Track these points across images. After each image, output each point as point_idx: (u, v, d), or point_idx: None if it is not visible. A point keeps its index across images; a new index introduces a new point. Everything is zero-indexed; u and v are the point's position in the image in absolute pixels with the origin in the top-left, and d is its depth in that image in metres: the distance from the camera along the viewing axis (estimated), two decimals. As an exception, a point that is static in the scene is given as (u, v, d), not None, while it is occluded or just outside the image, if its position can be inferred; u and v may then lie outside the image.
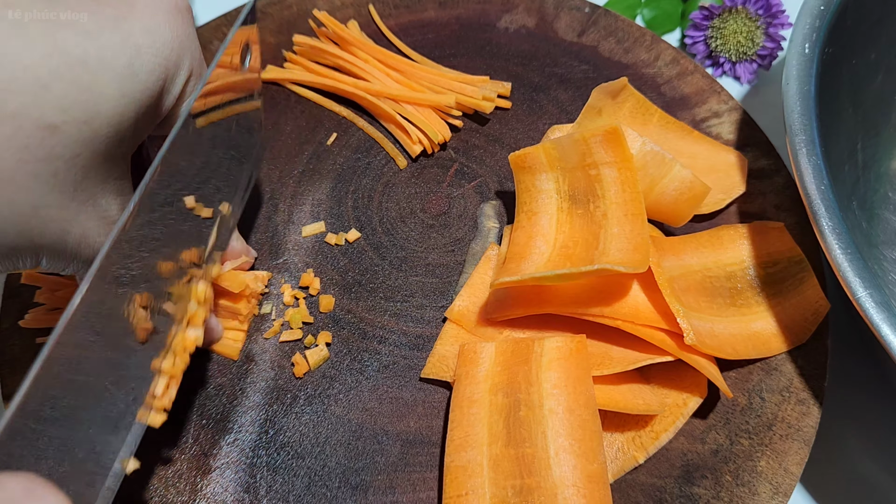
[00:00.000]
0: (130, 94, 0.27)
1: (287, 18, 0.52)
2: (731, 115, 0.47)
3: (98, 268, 0.25)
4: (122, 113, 0.27)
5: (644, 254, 0.34)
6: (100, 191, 0.28)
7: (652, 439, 0.36)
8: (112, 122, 0.27)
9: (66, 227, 0.28)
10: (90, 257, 0.29)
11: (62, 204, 0.27)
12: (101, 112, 0.26)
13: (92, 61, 0.26)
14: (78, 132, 0.26)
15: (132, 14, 0.28)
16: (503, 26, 0.52)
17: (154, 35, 0.28)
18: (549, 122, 0.47)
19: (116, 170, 0.29)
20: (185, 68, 0.30)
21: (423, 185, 0.45)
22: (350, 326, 0.40)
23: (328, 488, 0.35)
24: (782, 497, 0.35)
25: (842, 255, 0.32)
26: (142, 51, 0.28)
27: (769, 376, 0.38)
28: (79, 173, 0.27)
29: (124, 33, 0.27)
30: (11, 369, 0.38)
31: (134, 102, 0.28)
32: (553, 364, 0.34)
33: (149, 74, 0.28)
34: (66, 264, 0.29)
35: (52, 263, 0.29)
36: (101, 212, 0.29)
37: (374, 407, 0.37)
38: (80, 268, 0.30)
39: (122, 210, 0.29)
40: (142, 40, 0.28)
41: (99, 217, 0.29)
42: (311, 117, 0.48)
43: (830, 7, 0.40)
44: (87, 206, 0.28)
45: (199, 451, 0.36)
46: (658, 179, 0.38)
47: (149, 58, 0.28)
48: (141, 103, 0.28)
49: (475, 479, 0.32)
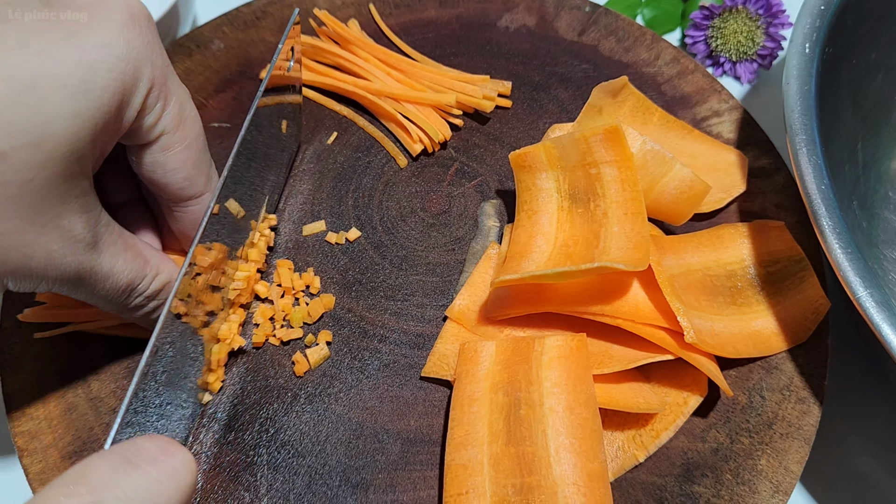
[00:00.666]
0: (85, 113, 0.27)
1: (287, 17, 0.52)
2: (731, 114, 0.47)
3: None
4: (76, 132, 0.27)
5: (644, 252, 0.34)
6: (61, 211, 0.28)
7: (652, 438, 0.36)
8: (66, 142, 0.26)
9: (28, 252, 0.27)
10: (59, 277, 0.29)
11: (20, 230, 0.26)
12: (54, 133, 0.26)
13: (42, 83, 0.26)
14: (29, 157, 0.26)
15: (85, 30, 0.27)
16: (504, 25, 0.52)
17: (108, 49, 0.28)
18: (549, 121, 0.47)
19: (77, 188, 0.28)
20: (145, 80, 0.30)
21: (424, 184, 0.45)
22: (350, 325, 0.40)
23: (329, 487, 0.35)
24: (782, 495, 0.35)
25: (842, 254, 0.32)
26: (95, 67, 0.27)
27: (769, 375, 0.38)
28: (35, 198, 0.26)
29: (77, 50, 0.27)
30: (12, 368, 0.38)
31: (89, 120, 0.27)
32: (553, 363, 0.34)
33: (103, 90, 0.27)
34: (34, 286, 0.29)
35: (19, 286, 0.29)
36: (65, 233, 0.28)
37: (375, 405, 0.38)
38: (50, 287, 0.29)
39: (88, 227, 0.29)
40: (95, 56, 0.27)
41: (64, 238, 0.28)
42: (311, 116, 0.48)
43: (830, 7, 0.40)
44: (49, 229, 0.28)
45: (200, 449, 0.36)
46: (658, 178, 0.38)
47: (103, 74, 0.27)
48: (97, 120, 0.27)
49: (475, 477, 0.32)
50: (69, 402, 0.37)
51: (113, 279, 0.31)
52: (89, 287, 0.31)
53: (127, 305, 0.33)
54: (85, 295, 0.31)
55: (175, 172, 0.33)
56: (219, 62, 0.50)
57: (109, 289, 0.32)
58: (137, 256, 0.33)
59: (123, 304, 0.33)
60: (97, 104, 0.27)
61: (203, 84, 0.49)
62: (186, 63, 0.49)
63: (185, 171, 0.33)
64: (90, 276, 0.30)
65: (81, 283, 0.30)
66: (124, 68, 0.28)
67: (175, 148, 0.32)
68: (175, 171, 0.33)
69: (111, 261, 0.31)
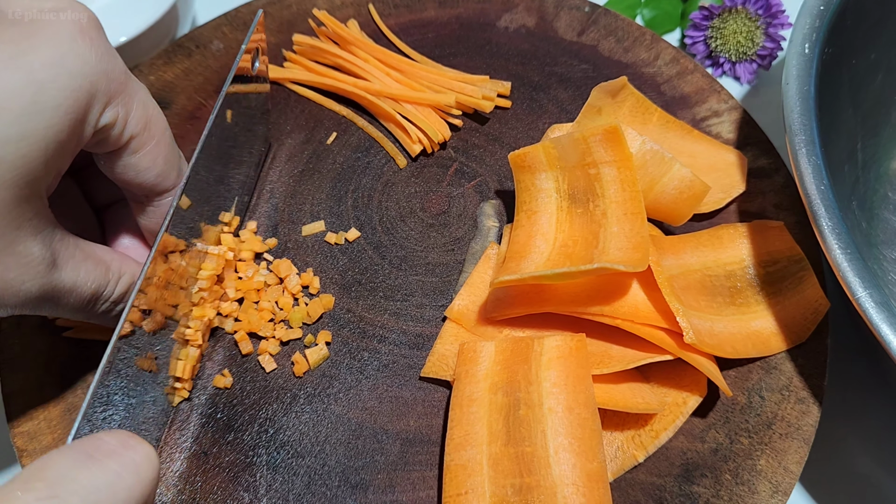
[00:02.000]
0: (34, 134, 0.26)
1: (287, 18, 0.52)
2: (730, 114, 0.47)
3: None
4: (25, 155, 0.26)
5: (643, 252, 0.34)
6: (15, 238, 0.27)
7: (651, 438, 0.36)
8: (15, 166, 0.26)
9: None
10: (20, 303, 0.29)
11: None
12: (1, 159, 0.25)
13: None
14: None
15: (32, 49, 0.26)
16: (503, 25, 0.52)
17: (58, 68, 0.27)
18: (548, 122, 0.47)
19: (30, 210, 0.28)
20: (101, 93, 0.29)
21: (423, 184, 0.45)
22: (350, 325, 0.40)
23: (328, 487, 0.35)
24: (782, 496, 0.35)
25: (841, 255, 0.32)
26: (45, 87, 0.26)
27: (769, 375, 0.38)
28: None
29: (23, 71, 0.26)
30: (11, 368, 0.38)
31: (40, 142, 0.26)
32: (553, 363, 0.34)
33: (55, 110, 0.27)
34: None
35: None
36: (21, 259, 0.28)
37: (374, 406, 0.37)
38: (12, 312, 0.29)
39: (45, 247, 0.29)
40: (43, 75, 0.26)
41: (21, 265, 0.28)
42: (310, 116, 0.48)
43: (830, 7, 0.40)
44: (4, 258, 0.27)
45: (199, 450, 0.36)
46: (658, 178, 0.38)
47: (53, 93, 0.26)
48: (49, 140, 0.27)
49: (475, 477, 0.32)
50: (69, 402, 0.37)
51: (77, 292, 0.31)
52: (54, 304, 0.30)
53: (95, 312, 0.33)
54: (50, 311, 0.31)
55: (148, 171, 0.33)
56: (219, 62, 0.50)
57: (74, 301, 0.31)
58: (98, 264, 0.32)
59: (91, 312, 0.33)
60: (48, 125, 0.26)
61: (203, 84, 0.49)
62: (186, 63, 0.49)
63: (158, 167, 0.33)
64: (53, 294, 0.30)
65: (45, 302, 0.30)
66: (77, 85, 0.27)
67: (145, 148, 0.32)
68: (148, 170, 0.33)
69: (73, 274, 0.30)
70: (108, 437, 0.25)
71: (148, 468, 0.25)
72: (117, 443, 0.25)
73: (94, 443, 0.24)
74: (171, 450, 0.36)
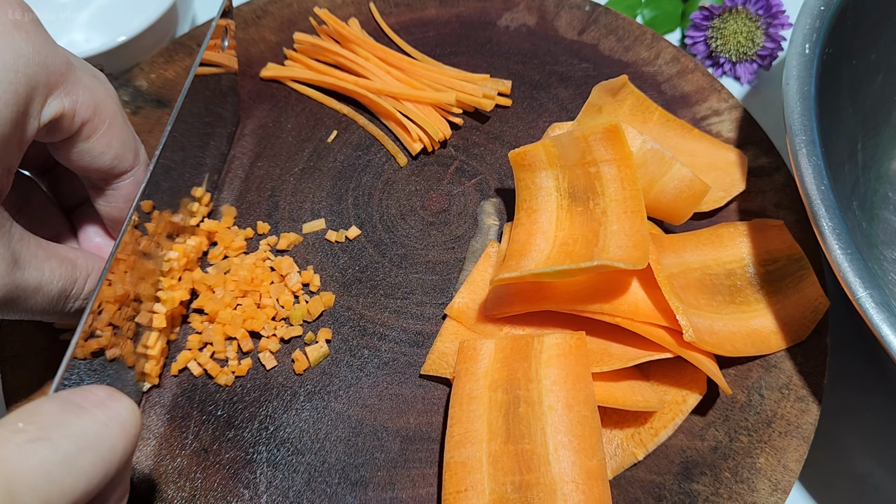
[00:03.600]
0: None
1: (288, 16, 0.52)
2: (731, 113, 0.47)
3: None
4: None
5: (643, 251, 0.34)
6: None
7: (651, 436, 0.36)
8: None
9: None
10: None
11: None
12: None
13: None
14: None
15: None
16: (504, 24, 0.52)
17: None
18: (549, 120, 0.48)
19: None
20: (42, 86, 0.28)
21: (424, 182, 0.45)
22: (350, 323, 0.40)
23: (328, 484, 0.35)
24: (781, 494, 0.35)
25: (842, 255, 0.32)
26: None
27: (768, 373, 0.38)
28: None
29: None
30: (12, 365, 0.38)
31: None
32: (552, 361, 0.34)
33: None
34: None
35: None
36: None
37: (374, 403, 0.38)
38: None
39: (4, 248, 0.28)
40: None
41: None
42: (311, 115, 0.48)
43: (830, 7, 0.40)
44: None
45: (200, 447, 0.36)
46: (658, 177, 0.38)
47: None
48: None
49: (474, 475, 0.32)
50: (69, 399, 0.37)
51: (44, 291, 0.31)
52: (21, 305, 0.30)
53: (67, 312, 0.33)
54: (18, 314, 0.31)
55: (103, 155, 0.33)
56: (219, 60, 0.50)
57: (42, 301, 0.31)
58: (63, 262, 0.32)
59: (62, 313, 0.33)
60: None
61: (203, 82, 0.49)
62: (186, 62, 0.49)
63: (112, 150, 0.33)
64: (18, 295, 0.29)
65: (11, 303, 0.29)
66: (15, 78, 0.27)
67: (98, 132, 0.32)
68: (103, 154, 0.33)
69: (37, 273, 0.30)
70: (94, 389, 0.25)
71: (132, 422, 0.25)
72: (105, 394, 0.25)
73: (83, 393, 0.25)
74: (171, 446, 0.36)
